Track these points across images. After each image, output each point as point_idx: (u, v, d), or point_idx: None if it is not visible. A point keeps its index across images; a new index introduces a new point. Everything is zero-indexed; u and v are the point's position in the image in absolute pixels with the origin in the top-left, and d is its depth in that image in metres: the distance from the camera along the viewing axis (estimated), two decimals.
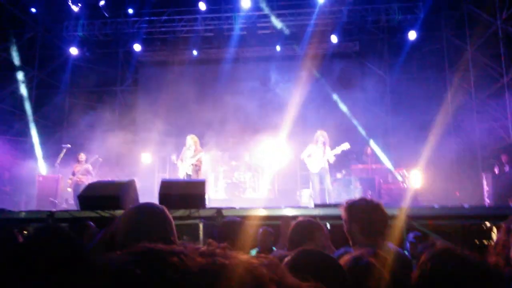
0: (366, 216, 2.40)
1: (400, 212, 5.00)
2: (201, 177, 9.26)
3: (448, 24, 12.85)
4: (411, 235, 5.12)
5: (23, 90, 12.62)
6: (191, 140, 8.86)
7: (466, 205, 6.24)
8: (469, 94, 11.77)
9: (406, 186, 8.58)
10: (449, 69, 12.42)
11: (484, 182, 7.90)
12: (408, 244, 4.94)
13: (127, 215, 1.85)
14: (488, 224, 5.59)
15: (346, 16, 12.42)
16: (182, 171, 8.72)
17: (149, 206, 1.91)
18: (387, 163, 9.94)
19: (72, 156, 9.99)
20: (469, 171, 10.68)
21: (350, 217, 2.45)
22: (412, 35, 12.22)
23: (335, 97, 12.16)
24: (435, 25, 12.85)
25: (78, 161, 9.59)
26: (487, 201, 7.70)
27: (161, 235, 1.65)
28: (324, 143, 8.45)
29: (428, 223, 5.69)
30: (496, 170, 8.84)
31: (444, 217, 5.77)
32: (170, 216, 1.83)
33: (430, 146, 9.46)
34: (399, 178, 9.18)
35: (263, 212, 6.35)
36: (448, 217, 5.77)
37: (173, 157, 9.45)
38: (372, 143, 10.33)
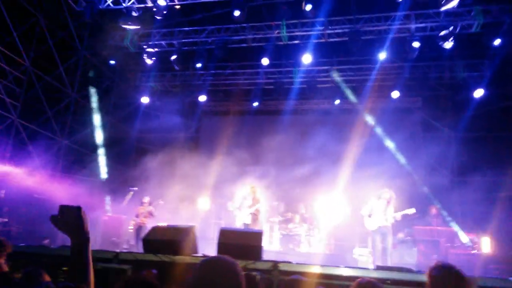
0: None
1: (474, 284, 4.67)
2: (258, 226, 9.29)
3: None
4: None
5: (99, 133, 13.64)
6: (250, 189, 9.01)
7: None
8: None
9: (477, 253, 7.98)
10: None
11: None
12: None
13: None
14: None
15: (408, 72, 12.41)
16: (240, 220, 8.81)
17: (224, 260, 1.79)
18: (453, 225, 9.36)
19: (136, 198, 10.48)
20: None
21: (428, 284, 2.38)
22: (478, 92, 11.88)
23: (396, 153, 11.88)
24: (504, 83, 12.41)
25: (142, 204, 10.03)
26: None
27: None
28: (388, 201, 8.18)
29: None
30: None
31: None
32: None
33: (501, 210, 8.84)
34: (468, 243, 8.58)
35: (320, 270, 6.19)
36: None
37: (229, 204, 9.62)
38: (437, 203, 9.84)
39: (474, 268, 7.03)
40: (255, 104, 14.23)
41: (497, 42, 10.81)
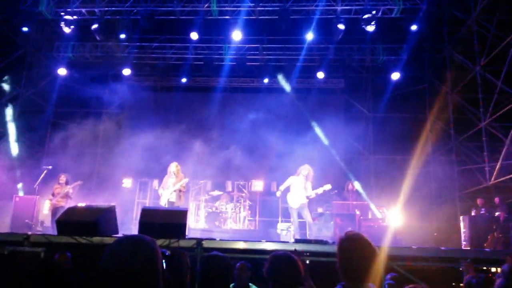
0: (347, 258, 2.39)
1: (381, 252, 5.05)
2: (184, 203, 9.20)
3: (430, 66, 13.38)
4: (388, 276, 5.13)
5: (8, 108, 12.46)
6: (174, 167, 8.84)
7: (443, 248, 6.34)
8: (448, 136, 12.13)
9: (386, 225, 8.68)
10: (430, 111, 12.84)
11: (462, 224, 8.05)
12: (386, 286, 4.95)
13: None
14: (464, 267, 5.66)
15: (333, 53, 12.85)
16: (164, 198, 8.65)
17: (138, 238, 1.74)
18: (367, 200, 10.06)
19: (52, 177, 9.80)
20: (447, 213, 10.88)
21: (338, 255, 2.46)
22: (395, 75, 12.67)
23: (318, 131, 12.37)
24: (418, 67, 13.36)
25: (58, 183, 9.40)
26: (464, 243, 7.83)
27: None
28: (306, 177, 8.53)
29: (405, 264, 5.74)
30: (473, 213, 9.03)
31: (422, 258, 5.84)
32: None
33: (409, 186, 9.65)
34: (379, 216, 9.29)
35: (243, 245, 6.33)
36: (426, 259, 5.84)
37: (155, 182, 9.41)
38: (353, 179, 10.47)
39: (384, 239, 7.64)
40: (184, 80, 13.87)
41: (414, 27, 11.55)
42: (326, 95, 14.00)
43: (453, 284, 5.96)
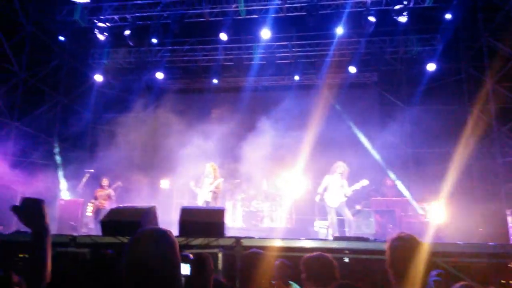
0: (397, 257, 2.37)
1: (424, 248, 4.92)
2: (219, 204, 9.30)
3: (467, 56, 12.88)
4: (433, 273, 5.00)
5: (49, 115, 13.02)
6: (210, 167, 8.95)
7: (491, 243, 6.09)
8: (490, 127, 11.64)
9: (427, 220, 8.43)
10: (469, 101, 12.37)
11: (509, 219, 7.70)
12: (432, 283, 4.82)
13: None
14: None
15: (365, 47, 12.61)
16: (201, 199, 8.78)
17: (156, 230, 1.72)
18: (407, 195, 9.80)
19: (94, 181, 10.17)
20: (493, 207, 10.44)
21: (388, 254, 2.44)
22: (430, 66, 12.28)
23: (353, 127, 12.18)
24: (454, 57, 12.89)
25: (101, 186, 9.75)
26: None
27: None
28: (342, 175, 8.42)
29: (451, 261, 5.56)
30: None
31: (468, 255, 5.63)
32: None
33: (451, 180, 9.32)
34: (420, 212, 9.03)
35: (282, 243, 6.32)
36: (473, 255, 5.63)
37: (191, 183, 9.55)
38: (391, 174, 10.24)
39: (426, 235, 7.43)
40: (215, 81, 14.01)
41: (448, 16, 11.16)
42: (358, 89, 13.78)
43: (503, 281, 5.72)
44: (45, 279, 1.66)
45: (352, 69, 12.84)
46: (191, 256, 3.43)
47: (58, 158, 12.91)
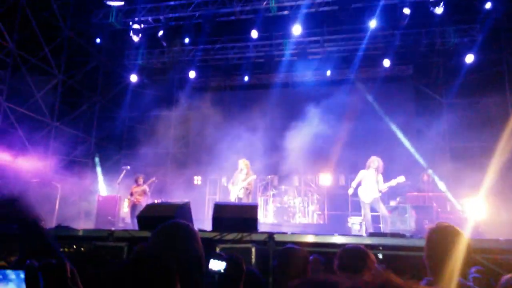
0: (436, 250, 2.29)
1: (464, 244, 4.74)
2: (251, 200, 9.35)
3: (508, 46, 12.28)
4: (473, 269, 4.83)
5: (87, 115, 13.56)
6: (242, 163, 9.01)
7: None
8: None
9: (466, 216, 8.13)
10: (510, 93, 11.79)
11: None
12: (471, 279, 4.66)
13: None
14: None
15: (399, 39, 12.28)
16: (234, 194, 8.85)
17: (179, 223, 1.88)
18: (445, 191, 9.47)
19: (130, 177, 10.48)
20: None
21: (426, 246, 2.37)
22: (469, 58, 11.81)
23: (388, 121, 11.90)
24: (495, 47, 12.32)
25: (136, 183, 10.04)
26: None
27: None
28: (377, 170, 8.26)
29: (491, 257, 5.34)
30: None
31: (510, 251, 5.39)
32: None
33: (492, 174, 8.93)
34: (459, 208, 8.72)
35: (315, 239, 6.27)
36: None
37: (224, 179, 9.66)
38: (429, 169, 9.93)
39: (464, 231, 7.16)
40: (246, 78, 14.08)
41: (488, 5, 10.69)
42: (393, 83, 13.44)
43: None
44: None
45: (386, 63, 12.53)
46: (224, 255, 3.47)
47: (96, 156, 13.41)
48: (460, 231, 2.38)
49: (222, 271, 2.27)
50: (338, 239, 6.20)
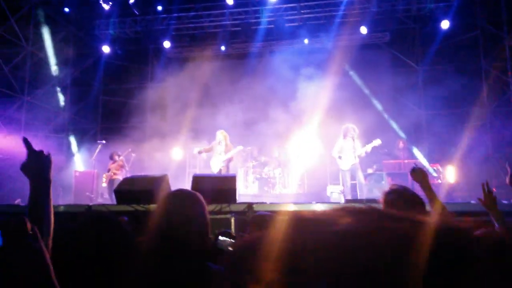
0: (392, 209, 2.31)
1: (438, 206, 4.89)
2: (230, 171, 9.36)
3: (483, 12, 12.31)
4: None
5: (59, 88, 13.08)
6: (221, 135, 8.95)
7: (505, 201, 6.04)
8: (507, 85, 11.29)
9: (441, 182, 8.37)
10: (485, 59, 11.94)
11: None
12: None
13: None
14: None
15: (376, 5, 12.15)
16: (217, 166, 8.80)
17: (187, 192, 1.97)
18: (420, 157, 9.69)
19: (107, 151, 10.30)
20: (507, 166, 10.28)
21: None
22: (445, 24, 11.81)
23: (365, 89, 11.95)
24: (470, 13, 12.35)
25: (112, 160, 9.88)
26: None
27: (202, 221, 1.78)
28: (353, 138, 8.35)
29: (464, 220, 5.53)
30: None
31: (481, 213, 5.59)
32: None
33: (465, 140, 9.15)
34: (434, 174, 8.95)
35: (293, 207, 6.36)
36: (486, 213, 5.58)
37: (196, 150, 9.56)
38: (404, 136, 10.10)
39: (439, 196, 7.38)
40: (223, 48, 13.76)
41: None
42: (370, 50, 13.38)
43: None
44: (51, 229, 1.63)
45: (363, 30, 12.43)
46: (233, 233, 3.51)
47: (70, 131, 13.07)
48: (414, 192, 2.40)
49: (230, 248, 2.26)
50: (316, 206, 6.32)
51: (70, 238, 1.63)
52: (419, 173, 2.62)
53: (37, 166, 1.67)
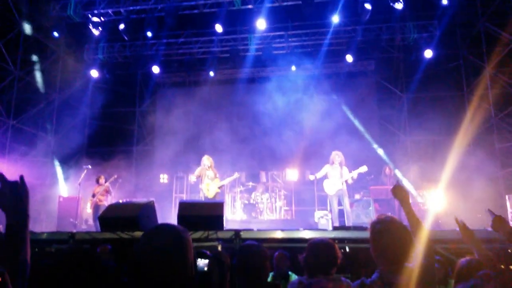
0: (380, 241, 2.31)
1: (422, 234, 4.90)
2: (218, 197, 9.27)
3: (465, 42, 12.77)
4: None
5: (45, 112, 12.98)
6: (207, 160, 8.90)
7: (489, 229, 6.08)
8: (488, 113, 11.59)
9: (426, 208, 8.43)
10: (467, 88, 12.29)
11: (508, 204, 7.70)
12: None
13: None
14: None
15: (361, 35, 12.49)
16: (213, 191, 8.70)
17: (170, 230, 1.68)
18: (406, 183, 9.78)
19: (92, 176, 10.15)
20: (491, 193, 10.43)
21: (370, 239, 2.38)
22: (428, 53, 12.19)
23: (351, 116, 12.14)
24: (452, 43, 12.79)
25: (98, 183, 9.73)
26: (511, 223, 7.49)
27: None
28: (340, 164, 8.42)
29: (450, 247, 5.55)
30: None
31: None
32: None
33: (450, 167, 9.29)
34: (419, 200, 9.03)
35: (281, 235, 6.31)
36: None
37: (192, 178, 9.47)
38: (390, 163, 10.22)
39: (425, 222, 7.42)
40: (211, 73, 13.90)
41: (444, 1, 11.04)
42: (356, 78, 13.69)
43: (502, 266, 5.70)
44: (27, 267, 1.54)
45: (349, 58, 12.73)
46: (208, 253, 3.40)
47: (55, 156, 12.89)
48: (401, 222, 2.41)
49: (206, 269, 2.20)
50: (304, 233, 6.27)
51: (47, 275, 1.56)
52: (399, 191, 2.64)
53: (13, 200, 1.56)
